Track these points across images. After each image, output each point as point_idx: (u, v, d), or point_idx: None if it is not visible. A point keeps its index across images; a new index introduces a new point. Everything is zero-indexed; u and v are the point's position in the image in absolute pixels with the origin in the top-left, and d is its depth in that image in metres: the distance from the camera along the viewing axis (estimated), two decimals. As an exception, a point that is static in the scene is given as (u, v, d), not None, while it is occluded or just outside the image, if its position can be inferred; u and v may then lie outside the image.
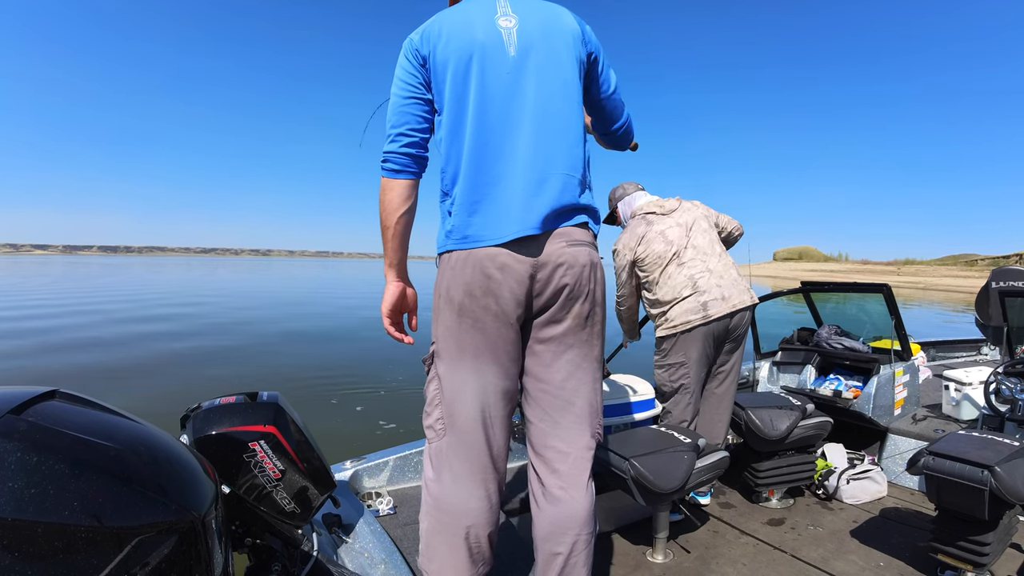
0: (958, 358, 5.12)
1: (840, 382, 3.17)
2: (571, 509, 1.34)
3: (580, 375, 1.37)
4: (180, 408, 1.39)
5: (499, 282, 1.27)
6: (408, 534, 1.94)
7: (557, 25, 1.37)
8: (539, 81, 1.32)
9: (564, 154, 1.32)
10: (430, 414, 1.37)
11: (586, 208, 1.36)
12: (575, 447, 1.37)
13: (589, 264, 1.33)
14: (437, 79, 1.34)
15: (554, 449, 1.37)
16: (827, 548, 2.14)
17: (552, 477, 1.36)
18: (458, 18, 1.35)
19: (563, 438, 1.36)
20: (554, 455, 1.37)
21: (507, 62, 1.31)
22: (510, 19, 1.34)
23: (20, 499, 0.76)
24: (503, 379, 1.33)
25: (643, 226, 2.45)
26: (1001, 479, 1.69)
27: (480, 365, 1.31)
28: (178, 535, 0.90)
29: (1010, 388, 2.54)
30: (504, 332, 1.30)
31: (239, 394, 1.43)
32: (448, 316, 1.32)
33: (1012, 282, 4.37)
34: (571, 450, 1.36)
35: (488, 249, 1.27)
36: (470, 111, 1.30)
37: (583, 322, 1.35)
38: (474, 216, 1.29)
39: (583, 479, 1.36)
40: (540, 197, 1.28)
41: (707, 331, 2.32)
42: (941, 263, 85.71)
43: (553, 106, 1.32)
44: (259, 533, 1.39)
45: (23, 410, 0.85)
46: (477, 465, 1.33)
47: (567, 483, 1.35)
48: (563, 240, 1.30)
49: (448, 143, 1.34)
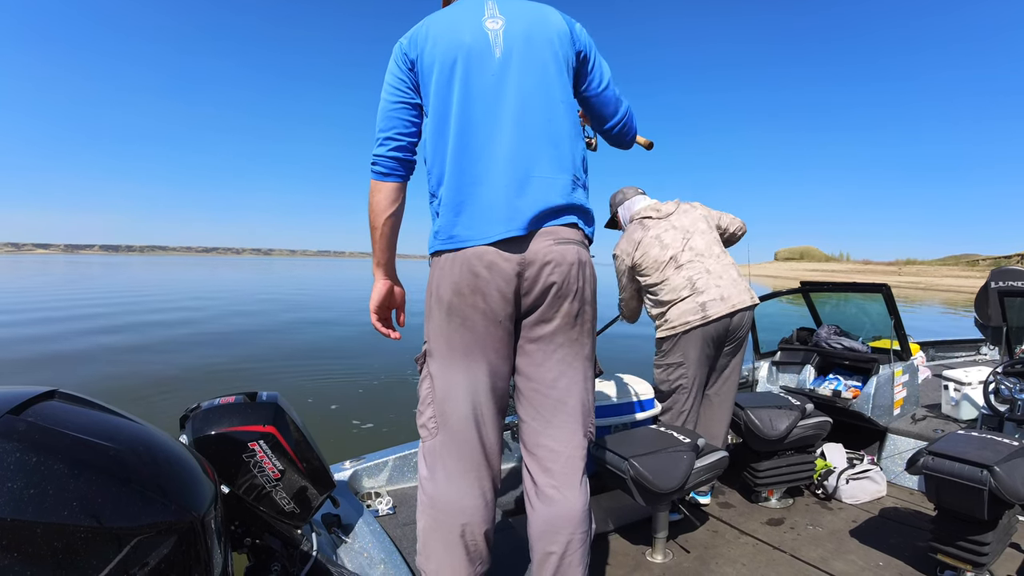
0: (957, 358, 5.12)
1: (839, 382, 3.17)
2: (564, 508, 1.35)
3: (571, 374, 1.37)
4: (179, 408, 1.40)
5: (486, 280, 1.27)
6: (407, 534, 1.94)
7: (544, 25, 1.37)
8: (522, 82, 1.32)
9: (547, 154, 1.32)
10: (423, 413, 1.38)
11: (574, 208, 1.35)
12: (567, 446, 1.37)
13: (577, 262, 1.33)
14: (424, 82, 1.36)
15: (546, 448, 1.37)
16: (826, 548, 2.14)
17: (545, 476, 1.37)
18: (446, 21, 1.37)
19: (555, 437, 1.37)
20: (546, 454, 1.37)
21: (492, 64, 1.32)
22: (497, 20, 1.35)
23: (19, 499, 0.76)
24: (494, 377, 1.34)
25: (640, 231, 2.47)
26: (1000, 479, 1.69)
27: (470, 364, 1.31)
28: (177, 535, 0.90)
29: (1009, 388, 2.54)
30: (493, 330, 1.30)
31: (238, 394, 1.43)
32: (438, 315, 1.33)
33: (1011, 282, 4.37)
34: (563, 449, 1.37)
35: (476, 248, 1.28)
36: (453, 113, 1.32)
37: (572, 321, 1.35)
38: (459, 217, 1.30)
39: (576, 478, 1.37)
40: (523, 198, 1.29)
41: (706, 332, 2.32)
42: (943, 263, 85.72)
43: (535, 106, 1.33)
44: (258, 533, 1.39)
45: (22, 410, 0.85)
46: (470, 463, 1.34)
47: (560, 482, 1.36)
48: (550, 238, 1.30)
49: (433, 145, 1.35)
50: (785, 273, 67.74)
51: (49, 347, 8.93)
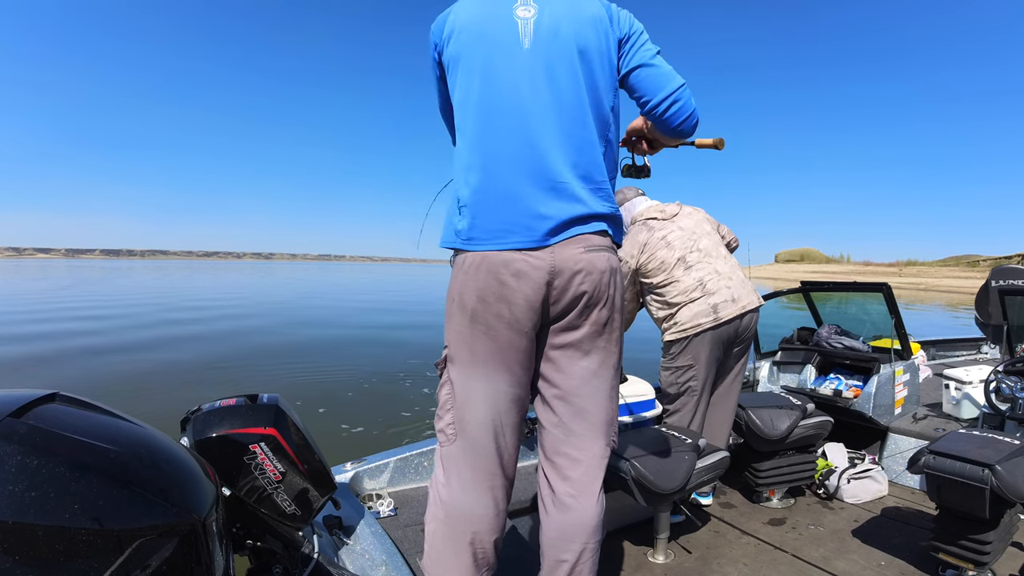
0: (958, 357, 5.11)
1: (840, 381, 3.17)
2: (581, 517, 1.31)
3: (596, 382, 1.32)
4: (180, 410, 1.39)
5: (513, 289, 1.22)
6: (409, 536, 1.94)
7: (578, 13, 1.26)
8: (552, 78, 1.24)
9: (576, 157, 1.25)
10: (442, 418, 1.34)
11: (603, 216, 1.28)
12: (587, 455, 1.33)
13: (608, 270, 1.27)
14: (450, 71, 1.32)
15: (566, 456, 1.33)
16: (828, 548, 2.14)
17: (563, 484, 1.33)
18: (474, 4, 1.30)
19: (576, 445, 1.33)
20: (565, 462, 1.33)
21: (519, 55, 1.24)
22: (529, 8, 1.26)
23: (21, 502, 0.76)
24: (515, 387, 1.29)
25: (645, 232, 2.42)
26: (1002, 478, 1.69)
27: (491, 372, 1.27)
28: (179, 537, 0.90)
29: (1010, 387, 2.54)
30: (516, 340, 1.25)
31: (239, 396, 1.43)
32: (460, 321, 1.28)
33: (1012, 280, 4.36)
34: (583, 458, 1.33)
35: (504, 254, 1.22)
36: (473, 106, 1.27)
37: (601, 328, 1.30)
38: (479, 219, 1.25)
39: (595, 487, 1.33)
40: (548, 205, 1.22)
41: (717, 334, 2.29)
42: (943, 264, 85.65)
43: (565, 106, 1.24)
44: (260, 535, 1.39)
45: (23, 413, 0.85)
46: (485, 472, 1.31)
47: (578, 491, 1.32)
48: (580, 245, 1.24)
49: (459, 139, 1.32)
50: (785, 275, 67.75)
51: (49, 350, 8.93)
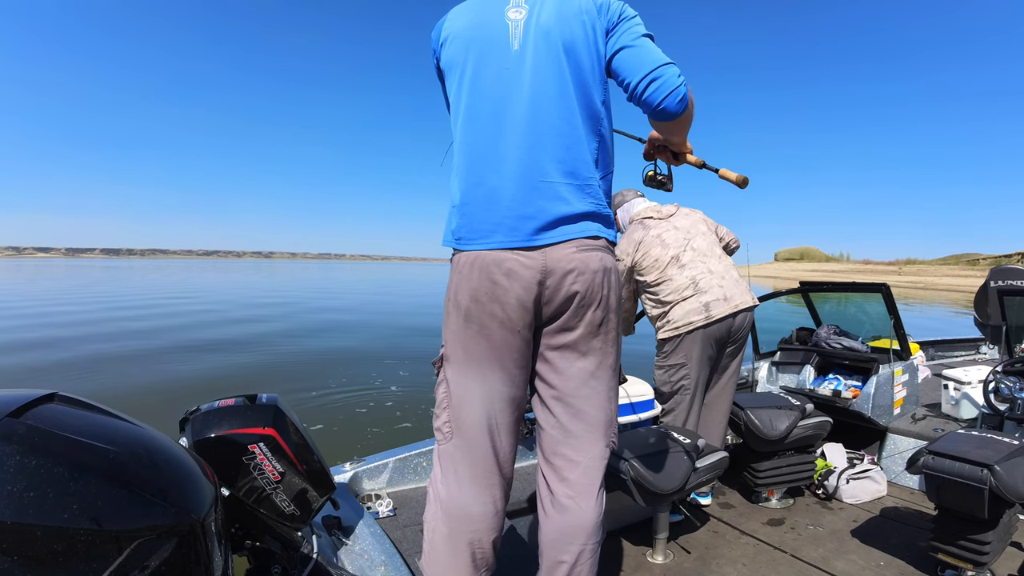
0: (957, 357, 5.12)
1: (839, 382, 3.17)
2: (579, 519, 1.31)
3: (593, 383, 1.31)
4: (179, 411, 1.39)
5: (505, 288, 1.22)
6: (408, 536, 1.94)
7: (565, 8, 1.25)
8: (537, 77, 1.24)
9: (561, 154, 1.24)
10: (439, 416, 1.35)
11: (591, 215, 1.27)
12: (586, 456, 1.32)
13: (602, 270, 1.27)
14: (447, 73, 1.34)
15: (564, 457, 1.33)
16: (827, 548, 2.14)
17: (561, 485, 1.33)
18: (469, 10, 1.32)
19: (574, 447, 1.32)
20: (564, 463, 1.33)
21: (508, 57, 1.25)
22: (520, 10, 1.26)
23: (20, 502, 0.76)
24: (510, 386, 1.30)
25: (640, 231, 2.46)
26: (1001, 478, 1.70)
27: (486, 372, 1.27)
28: (178, 538, 0.90)
29: (1009, 387, 2.54)
30: (510, 339, 1.26)
31: (238, 396, 1.43)
32: (456, 320, 1.29)
33: (1011, 281, 4.37)
34: (581, 459, 1.32)
35: (496, 253, 1.23)
36: (463, 108, 1.28)
37: (596, 329, 1.29)
38: (469, 220, 1.27)
39: (594, 488, 1.33)
40: (531, 204, 1.22)
41: (709, 332, 2.32)
42: (943, 263, 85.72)
43: (549, 104, 1.24)
44: (259, 535, 1.39)
45: (22, 413, 0.86)
46: (482, 470, 1.31)
47: (576, 492, 1.32)
48: (573, 245, 1.24)
49: (454, 141, 1.33)
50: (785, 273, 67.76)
51: (48, 350, 8.92)
